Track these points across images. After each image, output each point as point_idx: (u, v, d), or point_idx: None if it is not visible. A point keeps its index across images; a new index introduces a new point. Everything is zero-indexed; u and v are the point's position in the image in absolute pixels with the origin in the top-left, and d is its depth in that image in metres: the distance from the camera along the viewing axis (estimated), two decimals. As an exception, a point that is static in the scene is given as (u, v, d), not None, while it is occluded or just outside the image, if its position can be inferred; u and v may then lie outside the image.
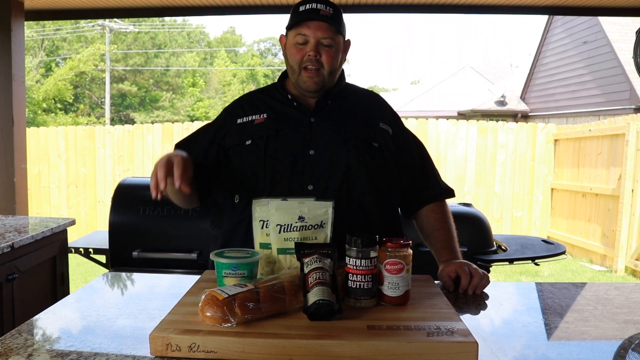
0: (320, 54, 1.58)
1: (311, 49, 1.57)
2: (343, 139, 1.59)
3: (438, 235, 1.67)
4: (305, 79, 1.59)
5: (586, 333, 1.17)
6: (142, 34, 26.95)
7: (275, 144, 1.58)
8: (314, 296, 1.08)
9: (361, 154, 1.58)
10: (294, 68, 1.61)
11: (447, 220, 1.70)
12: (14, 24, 3.86)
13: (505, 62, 22.10)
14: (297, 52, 1.59)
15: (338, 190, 1.53)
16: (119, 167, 8.03)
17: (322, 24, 1.57)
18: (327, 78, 1.61)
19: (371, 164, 1.59)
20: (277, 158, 1.57)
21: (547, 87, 13.22)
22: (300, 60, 1.59)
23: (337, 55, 1.62)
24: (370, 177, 1.58)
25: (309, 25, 1.57)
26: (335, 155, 1.57)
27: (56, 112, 21.92)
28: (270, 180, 1.55)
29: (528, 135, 7.91)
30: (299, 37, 1.58)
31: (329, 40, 1.58)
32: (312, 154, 1.57)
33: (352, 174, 1.56)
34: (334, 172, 1.55)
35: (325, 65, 1.59)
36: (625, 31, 10.23)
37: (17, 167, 3.86)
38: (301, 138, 1.59)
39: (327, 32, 1.57)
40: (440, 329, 1.04)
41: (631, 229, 6.21)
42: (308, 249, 1.18)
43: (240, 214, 1.59)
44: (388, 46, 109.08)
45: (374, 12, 4.57)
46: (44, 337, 1.11)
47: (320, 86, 1.61)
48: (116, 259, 2.96)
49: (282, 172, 1.56)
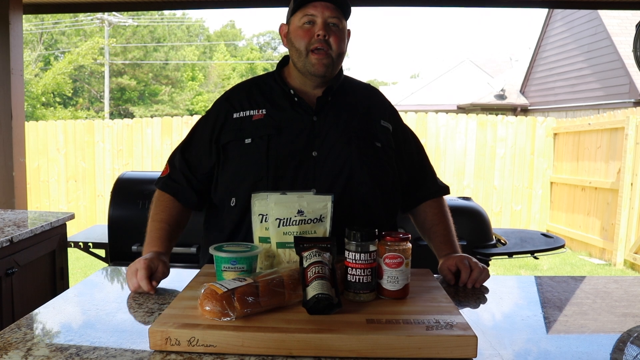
0: (329, 34, 1.53)
1: (320, 29, 1.52)
2: (346, 140, 1.56)
3: (437, 230, 1.66)
4: (314, 61, 1.54)
5: (585, 326, 1.18)
6: (141, 28, 26.87)
7: (277, 144, 1.53)
8: (313, 290, 1.08)
9: (364, 155, 1.56)
10: (300, 51, 1.55)
11: (445, 215, 1.69)
12: (12, 18, 3.84)
13: (505, 56, 22.05)
14: (305, 34, 1.54)
15: (341, 193, 1.51)
16: (118, 161, 8.03)
17: (329, 4, 1.53)
18: (336, 61, 1.56)
19: (374, 165, 1.58)
20: (280, 159, 1.52)
21: (546, 80, 13.20)
22: (308, 42, 1.53)
23: (344, 39, 1.58)
24: (374, 178, 1.57)
25: (316, 5, 1.52)
26: (339, 157, 1.54)
27: (55, 106, 21.88)
28: (273, 182, 1.51)
29: (527, 129, 7.91)
30: (306, 17, 1.53)
31: (336, 20, 1.54)
32: (316, 156, 1.53)
33: (356, 177, 1.54)
34: (338, 175, 1.53)
35: (333, 47, 1.54)
36: (625, 25, 10.20)
37: (16, 161, 3.86)
38: (304, 139, 1.55)
39: (334, 12, 1.53)
40: (439, 322, 1.04)
41: (630, 223, 6.22)
42: (307, 242, 1.18)
43: (238, 217, 1.54)
44: (388, 40, 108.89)
45: (374, 6, 4.55)
46: (43, 331, 1.11)
47: (329, 70, 1.56)
48: (115, 253, 2.96)
49: (285, 174, 1.52)
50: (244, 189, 1.52)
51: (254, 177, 1.52)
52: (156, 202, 1.64)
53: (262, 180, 1.52)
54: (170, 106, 25.76)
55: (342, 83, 1.67)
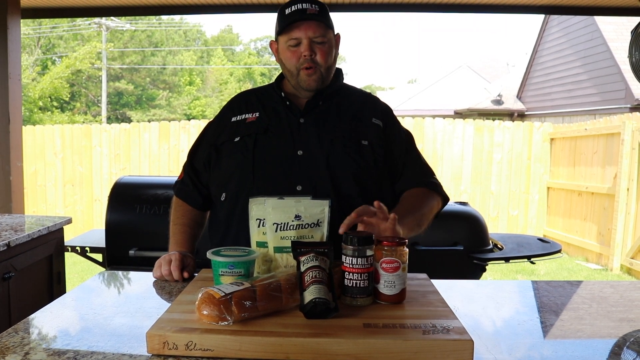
0: (315, 53, 1.59)
1: (305, 49, 1.58)
2: (330, 140, 1.60)
3: (402, 201, 1.61)
4: (305, 77, 1.61)
5: (581, 331, 1.18)
6: (139, 32, 26.91)
7: (263, 142, 1.60)
8: (310, 294, 1.08)
9: (348, 154, 1.59)
10: (291, 71, 1.63)
11: (421, 201, 1.62)
12: (10, 22, 3.85)
13: (502, 61, 22.13)
14: (292, 55, 1.61)
15: (327, 191, 1.54)
16: (115, 165, 8.02)
17: (311, 23, 1.58)
18: (325, 74, 1.63)
19: (358, 164, 1.59)
20: (265, 157, 1.59)
21: (543, 86, 13.24)
22: (297, 62, 1.61)
23: (331, 51, 1.63)
24: (357, 177, 1.58)
25: (299, 27, 1.58)
26: (321, 156, 1.58)
27: (52, 110, 21.85)
28: (257, 179, 1.57)
29: (524, 134, 7.93)
30: (291, 40, 1.60)
31: (321, 38, 1.59)
32: (301, 155, 1.58)
33: (339, 175, 1.56)
34: (321, 173, 1.56)
35: (321, 63, 1.60)
36: (621, 30, 10.25)
37: (14, 165, 3.85)
38: (289, 138, 1.61)
39: (317, 30, 1.59)
40: (436, 327, 1.05)
41: (626, 228, 6.23)
42: (304, 247, 1.19)
43: (227, 211, 1.62)
44: (385, 45, 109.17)
45: (370, 11, 4.57)
46: (40, 335, 1.11)
47: (321, 83, 1.63)
48: (112, 258, 2.96)
49: (269, 171, 1.58)
50: (232, 184, 1.61)
51: (241, 173, 1.60)
52: (175, 207, 1.78)
53: (248, 176, 1.58)
54: (168, 111, 25.77)
55: (338, 89, 1.71)
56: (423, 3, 4.49)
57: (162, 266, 1.51)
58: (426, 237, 3.09)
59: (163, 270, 1.50)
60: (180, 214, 1.75)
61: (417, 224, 1.56)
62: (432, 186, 1.70)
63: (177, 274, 1.48)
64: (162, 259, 1.53)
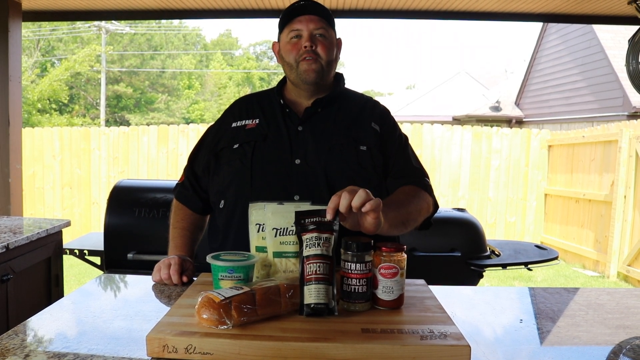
0: (315, 45, 1.60)
1: (306, 40, 1.59)
2: (327, 148, 1.58)
3: (390, 197, 1.57)
4: (305, 67, 1.60)
5: (578, 338, 1.19)
6: (138, 36, 26.94)
7: (262, 150, 1.60)
8: (309, 296, 1.10)
9: (345, 162, 1.57)
10: (291, 64, 1.62)
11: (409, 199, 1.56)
12: (12, 25, 3.86)
13: (500, 68, 22.16)
14: (293, 48, 1.61)
15: (324, 201, 1.51)
16: (113, 168, 8.02)
17: (313, 17, 1.61)
18: (326, 68, 1.62)
19: (356, 171, 1.57)
20: (263, 165, 1.58)
21: (541, 93, 13.29)
22: (297, 54, 1.61)
23: (332, 47, 1.63)
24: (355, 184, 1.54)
25: (300, 20, 1.60)
26: (318, 165, 1.57)
27: (51, 112, 21.83)
28: (255, 187, 1.56)
29: (522, 140, 7.95)
30: (292, 32, 1.61)
31: (321, 31, 1.61)
32: (298, 163, 1.57)
33: (336, 184, 1.54)
34: (318, 182, 1.55)
35: (322, 55, 1.60)
36: (618, 39, 10.30)
37: (13, 167, 3.86)
38: (287, 146, 1.60)
39: (319, 23, 1.61)
40: (433, 332, 1.06)
41: (623, 235, 6.25)
42: (309, 217, 1.18)
43: (226, 219, 1.61)
44: (384, 51, 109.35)
45: (370, 18, 4.59)
46: (40, 338, 1.11)
47: (320, 76, 1.61)
48: (111, 261, 2.96)
49: (267, 180, 1.57)
50: (230, 191, 1.61)
51: (239, 181, 1.59)
52: (175, 210, 1.79)
53: (246, 185, 1.57)
54: (167, 114, 25.78)
55: (339, 95, 1.70)
56: (423, 10, 4.51)
57: (161, 270, 1.52)
58: (424, 243, 3.10)
59: (162, 274, 1.51)
60: (180, 217, 1.76)
61: (402, 221, 1.47)
62: (424, 186, 1.64)
63: (177, 278, 1.50)
64: (162, 263, 1.54)
